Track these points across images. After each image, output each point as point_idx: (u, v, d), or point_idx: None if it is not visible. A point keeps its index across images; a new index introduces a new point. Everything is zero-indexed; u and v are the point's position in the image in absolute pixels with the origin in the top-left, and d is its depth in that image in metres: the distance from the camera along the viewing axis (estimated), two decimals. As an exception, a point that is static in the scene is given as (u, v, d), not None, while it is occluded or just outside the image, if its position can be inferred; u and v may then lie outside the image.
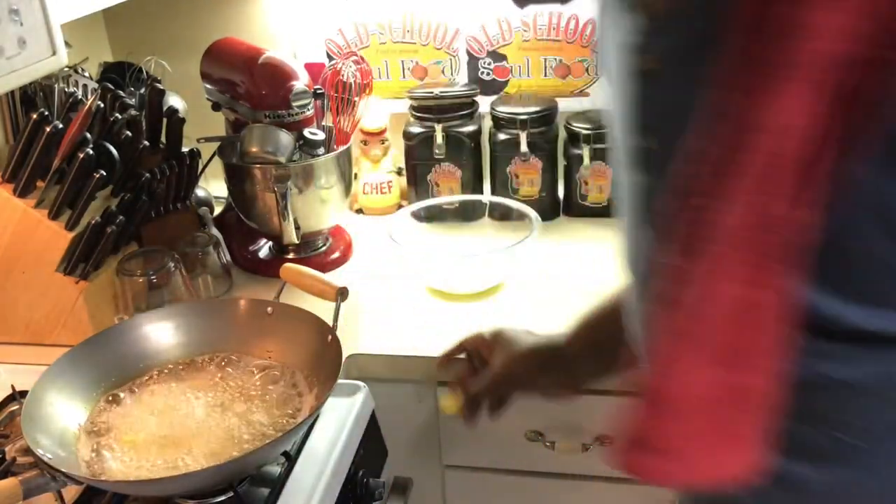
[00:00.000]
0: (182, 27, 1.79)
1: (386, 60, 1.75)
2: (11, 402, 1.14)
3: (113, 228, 1.26)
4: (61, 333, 1.31)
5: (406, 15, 1.70)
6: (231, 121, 1.52)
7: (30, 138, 1.23)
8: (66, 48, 1.05)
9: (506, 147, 1.60)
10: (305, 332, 1.10)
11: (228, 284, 1.49)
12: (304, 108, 1.42)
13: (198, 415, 1.03)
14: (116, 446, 0.99)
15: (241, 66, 1.42)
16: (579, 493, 1.34)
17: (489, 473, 1.36)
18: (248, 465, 0.95)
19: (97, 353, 1.08)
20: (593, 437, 1.28)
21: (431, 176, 1.65)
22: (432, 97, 1.60)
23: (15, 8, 0.96)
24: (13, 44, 0.96)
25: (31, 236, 1.26)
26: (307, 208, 1.45)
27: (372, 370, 1.28)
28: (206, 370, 1.12)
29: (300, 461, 1.03)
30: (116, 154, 1.29)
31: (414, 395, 1.32)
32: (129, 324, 1.14)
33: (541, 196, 1.64)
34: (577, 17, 1.64)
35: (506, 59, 1.71)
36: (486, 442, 1.33)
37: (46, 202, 1.26)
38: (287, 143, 1.39)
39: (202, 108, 1.57)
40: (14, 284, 1.29)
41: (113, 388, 1.08)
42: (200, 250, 1.43)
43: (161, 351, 1.13)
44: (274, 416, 1.02)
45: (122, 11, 1.77)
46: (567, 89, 1.72)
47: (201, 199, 1.64)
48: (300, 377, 1.08)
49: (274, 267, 1.28)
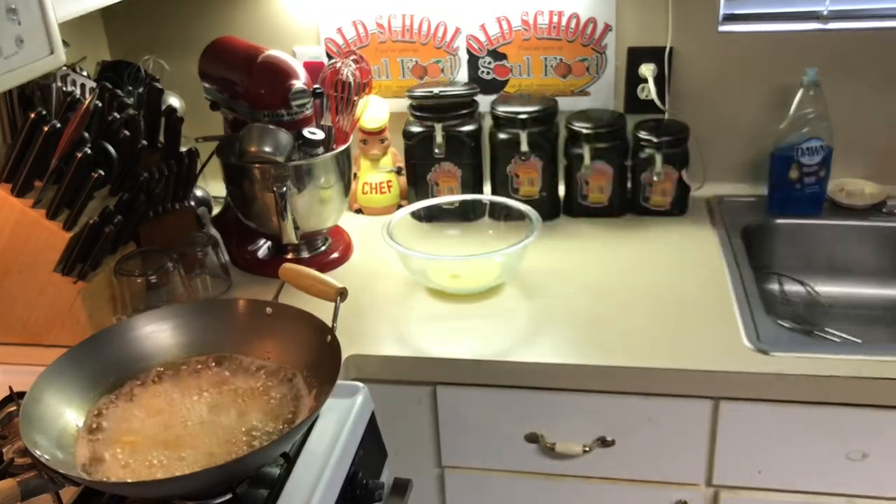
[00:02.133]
0: (180, 26, 1.79)
1: (386, 60, 1.74)
2: (9, 402, 1.13)
3: (111, 228, 1.25)
4: (59, 334, 1.31)
5: (406, 15, 1.69)
6: (230, 120, 1.51)
7: (27, 137, 1.23)
8: (63, 47, 1.05)
9: (506, 147, 1.60)
10: (305, 333, 1.10)
11: (227, 284, 1.48)
12: (304, 107, 1.41)
13: (196, 416, 1.03)
14: (114, 447, 0.98)
15: (240, 65, 1.42)
16: (579, 493, 1.34)
17: (489, 474, 1.36)
18: (247, 466, 0.95)
19: (95, 354, 1.08)
20: (593, 438, 1.28)
21: (431, 176, 1.65)
22: (432, 97, 1.59)
23: (13, 7, 0.95)
24: (11, 43, 0.95)
25: (28, 236, 1.25)
26: (306, 208, 1.45)
27: (372, 371, 1.28)
28: (204, 371, 1.11)
29: (299, 462, 1.03)
30: (114, 153, 1.29)
31: (414, 396, 1.32)
32: (128, 324, 1.13)
33: (541, 196, 1.63)
34: (577, 17, 1.64)
35: (506, 59, 1.70)
36: (485, 442, 1.32)
37: (44, 202, 1.26)
38: (286, 143, 1.39)
39: (201, 108, 1.57)
40: (11, 284, 1.29)
41: (111, 389, 1.08)
42: (199, 250, 1.42)
43: (159, 351, 1.13)
44: (273, 417, 1.02)
45: (120, 10, 1.77)
46: (567, 88, 1.71)
47: (200, 199, 1.64)
48: (299, 378, 1.08)
49: (273, 267, 1.27)
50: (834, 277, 1.60)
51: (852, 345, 1.22)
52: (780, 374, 1.16)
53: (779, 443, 1.22)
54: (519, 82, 1.72)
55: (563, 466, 1.32)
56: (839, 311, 1.57)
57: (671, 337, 1.25)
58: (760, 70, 1.63)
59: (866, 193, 1.60)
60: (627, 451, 1.28)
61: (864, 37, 1.58)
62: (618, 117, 1.62)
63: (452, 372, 1.26)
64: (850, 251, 1.58)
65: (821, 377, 1.15)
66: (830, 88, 1.57)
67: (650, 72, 1.65)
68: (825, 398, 1.17)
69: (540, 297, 1.39)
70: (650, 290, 1.38)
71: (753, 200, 1.66)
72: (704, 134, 1.69)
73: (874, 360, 1.16)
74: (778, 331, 1.24)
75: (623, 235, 1.58)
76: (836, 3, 1.59)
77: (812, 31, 1.59)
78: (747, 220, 1.58)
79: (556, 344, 1.26)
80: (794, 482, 1.25)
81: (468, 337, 1.29)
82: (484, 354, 1.25)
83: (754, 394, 1.18)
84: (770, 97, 1.65)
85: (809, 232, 1.59)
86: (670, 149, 1.57)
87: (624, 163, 1.61)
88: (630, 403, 1.24)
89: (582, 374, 1.22)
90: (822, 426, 1.20)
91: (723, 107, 1.68)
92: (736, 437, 1.23)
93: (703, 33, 1.62)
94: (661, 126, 1.61)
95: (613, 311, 1.33)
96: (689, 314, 1.31)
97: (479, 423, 1.31)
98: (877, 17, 1.58)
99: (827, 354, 1.18)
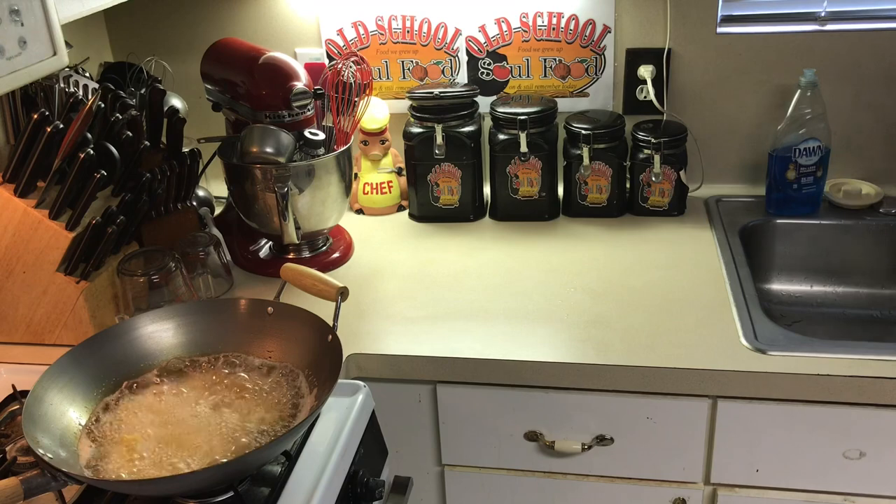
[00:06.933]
0: (183, 28, 1.80)
1: (386, 61, 1.75)
2: (12, 401, 1.14)
3: (113, 228, 1.26)
4: (62, 333, 1.32)
5: (406, 16, 1.70)
6: (231, 121, 1.52)
7: (30, 138, 1.23)
8: (66, 48, 1.05)
9: (506, 147, 1.61)
10: (305, 332, 1.10)
11: (229, 284, 1.49)
12: (305, 108, 1.42)
13: (198, 414, 1.03)
14: (117, 446, 0.99)
15: (242, 66, 1.43)
16: (579, 492, 1.34)
17: (489, 473, 1.37)
18: (248, 464, 0.95)
19: (98, 353, 1.08)
20: (592, 436, 1.28)
21: (431, 176, 1.65)
22: (432, 97, 1.60)
23: (16, 8, 0.96)
24: (14, 44, 0.96)
25: (31, 236, 1.26)
26: (307, 208, 1.46)
27: (372, 370, 1.28)
28: (206, 370, 1.12)
29: (300, 461, 1.03)
30: (117, 154, 1.30)
31: (414, 395, 1.32)
32: (130, 324, 1.13)
33: (540, 196, 1.64)
34: (576, 18, 1.65)
35: (506, 60, 1.71)
36: (485, 441, 1.33)
37: (47, 202, 1.26)
38: (287, 144, 1.40)
39: (202, 109, 1.58)
40: (15, 284, 1.30)
41: (113, 388, 1.08)
42: (201, 250, 1.43)
43: (162, 351, 1.13)
44: (274, 416, 1.02)
45: (122, 12, 1.78)
46: (566, 89, 1.72)
47: (202, 199, 1.65)
48: (300, 377, 1.08)
49: (274, 267, 1.28)
50: (831, 277, 1.60)
51: (849, 344, 1.22)
52: (778, 373, 1.16)
53: (776, 441, 1.23)
54: (518, 83, 1.73)
55: (562, 465, 1.32)
56: (836, 311, 1.58)
57: (669, 336, 1.26)
58: (758, 71, 1.64)
59: (863, 194, 1.61)
60: (626, 449, 1.29)
61: (861, 38, 1.58)
62: (616, 118, 1.63)
63: (452, 371, 1.26)
64: (847, 251, 1.58)
65: (818, 376, 1.16)
66: (828, 89, 1.58)
67: (649, 73, 1.66)
68: (822, 397, 1.17)
69: (539, 296, 1.39)
70: (649, 289, 1.39)
71: (751, 201, 1.66)
72: (703, 135, 1.70)
73: (871, 360, 1.17)
74: (775, 330, 1.25)
75: (622, 235, 1.59)
76: (833, 5, 1.60)
77: (810, 33, 1.60)
78: (745, 220, 1.59)
79: (556, 343, 1.27)
80: (792, 480, 1.26)
81: (468, 336, 1.30)
82: (484, 353, 1.25)
83: (752, 393, 1.19)
84: (768, 98, 1.66)
85: (807, 232, 1.59)
86: (669, 149, 1.58)
87: (623, 163, 1.62)
88: (629, 402, 1.25)
89: (581, 373, 1.22)
90: (819, 425, 1.20)
91: (721, 108, 1.68)
92: (734, 436, 1.24)
93: (702, 35, 1.63)
94: (659, 127, 1.62)
95: (612, 311, 1.34)
96: (687, 314, 1.32)
97: (479, 421, 1.31)
98: (874, 19, 1.59)
99: (824, 354, 1.19)
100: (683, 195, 1.64)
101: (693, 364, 1.19)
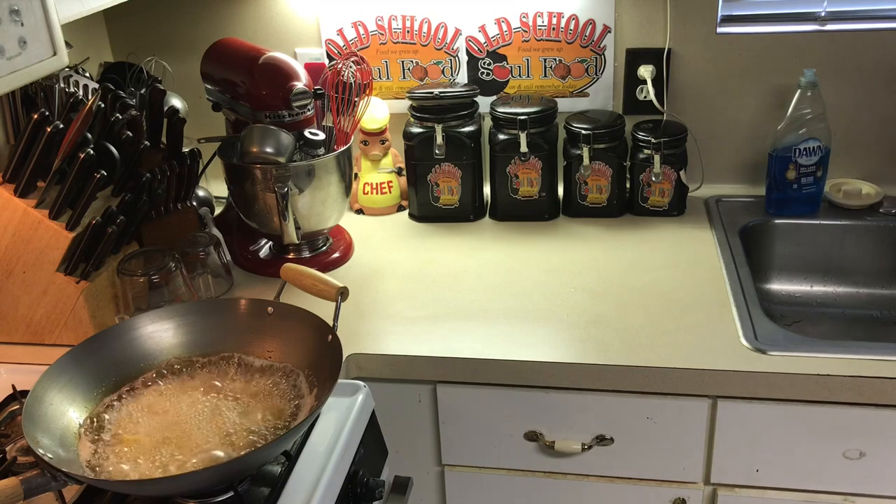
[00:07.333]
0: (183, 28, 1.80)
1: (386, 61, 1.75)
2: (12, 401, 1.14)
3: (113, 228, 1.26)
4: (62, 333, 1.32)
5: (406, 16, 1.70)
6: (231, 121, 1.52)
7: (30, 138, 1.24)
8: (66, 48, 1.05)
9: (506, 147, 1.61)
10: (305, 332, 1.10)
11: (229, 284, 1.49)
12: (305, 108, 1.42)
13: (198, 414, 1.03)
14: (117, 446, 0.99)
15: (242, 66, 1.43)
16: (579, 492, 1.34)
17: (489, 473, 1.37)
18: (248, 464, 0.95)
19: (98, 353, 1.08)
20: (592, 436, 1.29)
21: (431, 176, 1.65)
22: (432, 98, 1.60)
23: (16, 8, 0.96)
24: (14, 44, 0.96)
25: (31, 236, 1.26)
26: (307, 208, 1.46)
27: (372, 370, 1.28)
28: (206, 370, 1.12)
29: (300, 461, 1.03)
30: (117, 154, 1.30)
31: (414, 395, 1.32)
32: (130, 324, 1.13)
33: (540, 196, 1.64)
34: (576, 18, 1.65)
35: (506, 60, 1.71)
36: (485, 441, 1.33)
37: (47, 202, 1.26)
38: (287, 144, 1.40)
39: (202, 109, 1.58)
40: (15, 284, 1.30)
41: (113, 388, 1.08)
42: (201, 250, 1.43)
43: (161, 351, 1.13)
44: (274, 416, 1.02)
45: (122, 12, 1.78)
46: (566, 89, 1.72)
47: (202, 199, 1.65)
48: (300, 377, 1.08)
49: (274, 267, 1.28)
50: (831, 277, 1.60)
51: (849, 344, 1.22)
52: (778, 373, 1.16)
53: (776, 441, 1.23)
54: (518, 83, 1.73)
55: (562, 464, 1.32)
56: (836, 311, 1.58)
57: (669, 336, 1.26)
58: (758, 71, 1.64)
59: (863, 194, 1.61)
60: (626, 449, 1.29)
61: (861, 38, 1.58)
62: (616, 118, 1.63)
63: (452, 371, 1.26)
64: (847, 251, 1.58)
65: (818, 376, 1.16)
66: (828, 89, 1.58)
67: (649, 73, 1.66)
68: (822, 397, 1.17)
69: (539, 296, 1.39)
70: (649, 289, 1.39)
71: (751, 201, 1.66)
72: (703, 135, 1.70)
73: (871, 360, 1.17)
74: (775, 330, 1.25)
75: (622, 235, 1.59)
76: (833, 5, 1.60)
77: (810, 33, 1.60)
78: (745, 221, 1.59)
79: (556, 343, 1.27)
80: (792, 480, 1.26)
81: (468, 336, 1.30)
82: (484, 353, 1.25)
83: (752, 393, 1.19)
84: (768, 98, 1.66)
85: (807, 232, 1.59)
86: (669, 149, 1.58)
87: (623, 163, 1.62)
88: (629, 402, 1.25)
89: (581, 372, 1.22)
90: (819, 425, 1.20)
91: (721, 108, 1.68)
92: (734, 436, 1.24)
93: (702, 34, 1.63)
94: (659, 127, 1.62)
95: (612, 311, 1.34)
96: (687, 314, 1.32)
97: (479, 421, 1.31)
98: (874, 19, 1.59)
99: (824, 354, 1.19)
100: (683, 195, 1.64)
101: (693, 364, 1.19)
